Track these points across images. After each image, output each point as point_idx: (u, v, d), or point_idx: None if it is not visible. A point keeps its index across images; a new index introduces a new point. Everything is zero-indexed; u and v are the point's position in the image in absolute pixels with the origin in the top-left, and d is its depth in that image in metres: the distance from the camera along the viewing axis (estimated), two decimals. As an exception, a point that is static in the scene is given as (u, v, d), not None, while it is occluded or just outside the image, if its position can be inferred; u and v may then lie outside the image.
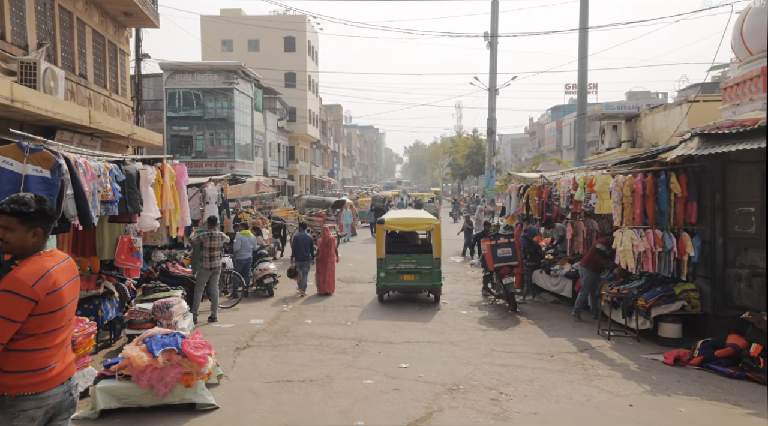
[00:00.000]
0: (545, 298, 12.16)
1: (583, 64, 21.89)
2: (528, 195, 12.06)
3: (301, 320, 10.30)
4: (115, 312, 8.15)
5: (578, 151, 22.00)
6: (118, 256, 8.04)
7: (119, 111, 14.67)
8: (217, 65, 36.19)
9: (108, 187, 6.78)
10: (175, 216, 10.29)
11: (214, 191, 13.67)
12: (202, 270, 10.13)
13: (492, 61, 45.68)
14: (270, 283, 13.05)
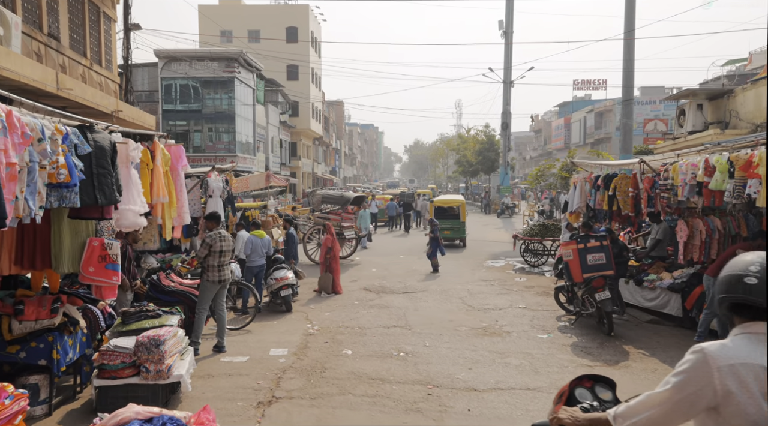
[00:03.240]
0: (637, 317, 9.62)
1: (630, 43, 19.46)
2: (615, 186, 9.53)
3: (337, 349, 7.78)
4: (82, 349, 5.61)
5: (624, 140, 19.55)
6: (84, 269, 5.50)
7: (102, 86, 12.13)
8: (217, 53, 33.60)
9: (61, 161, 4.25)
10: (169, 211, 7.88)
11: (218, 182, 11.12)
12: (208, 283, 7.62)
13: (507, 52, 43.36)
14: (288, 296, 10.52)
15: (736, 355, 1.81)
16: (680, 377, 1.87)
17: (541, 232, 15.89)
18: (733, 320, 1.95)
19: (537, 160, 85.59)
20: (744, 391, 1.76)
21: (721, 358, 1.81)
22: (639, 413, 1.93)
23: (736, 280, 1.90)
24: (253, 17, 49.02)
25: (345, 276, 14.66)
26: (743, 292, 1.87)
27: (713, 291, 7.23)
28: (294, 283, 10.75)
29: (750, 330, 1.87)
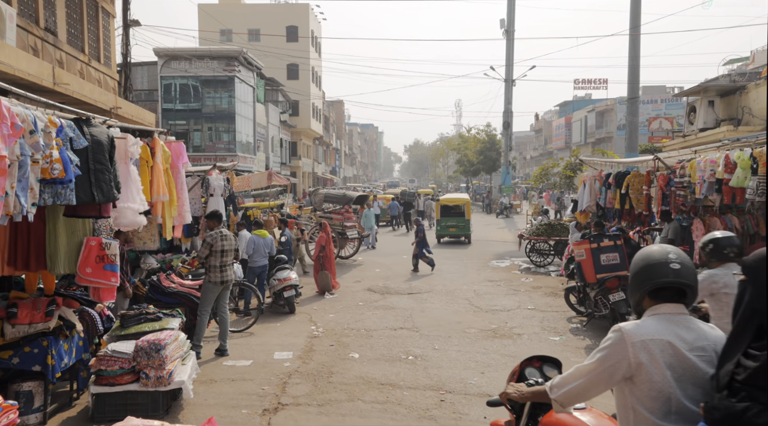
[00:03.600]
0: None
1: (635, 39, 19.20)
2: (628, 184, 9.28)
3: (344, 353, 7.51)
4: (78, 354, 5.35)
5: (629, 138, 19.29)
6: (81, 269, 5.24)
7: (101, 82, 11.87)
8: (217, 51, 33.33)
9: (55, 155, 3.99)
10: (170, 210, 7.63)
11: (219, 181, 10.88)
12: (210, 285, 7.35)
13: (508, 51, 43.11)
14: (291, 297, 10.26)
15: (647, 332, 2.08)
16: (603, 352, 2.15)
17: (547, 231, 15.62)
18: (642, 304, 2.24)
19: (537, 160, 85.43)
20: (652, 362, 2.04)
21: (635, 335, 2.08)
22: (570, 383, 2.23)
23: (662, 266, 2.14)
24: (253, 16, 48.75)
25: (348, 276, 14.41)
26: (674, 276, 2.12)
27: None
28: (297, 284, 10.50)
29: (658, 311, 2.16)
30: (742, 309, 1.97)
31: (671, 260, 2.16)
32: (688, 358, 2.06)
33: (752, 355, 1.90)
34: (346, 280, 13.83)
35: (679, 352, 2.06)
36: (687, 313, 2.17)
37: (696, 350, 2.08)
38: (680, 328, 2.11)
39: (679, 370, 2.05)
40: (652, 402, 2.07)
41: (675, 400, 2.05)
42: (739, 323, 1.98)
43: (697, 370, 2.06)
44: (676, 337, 2.08)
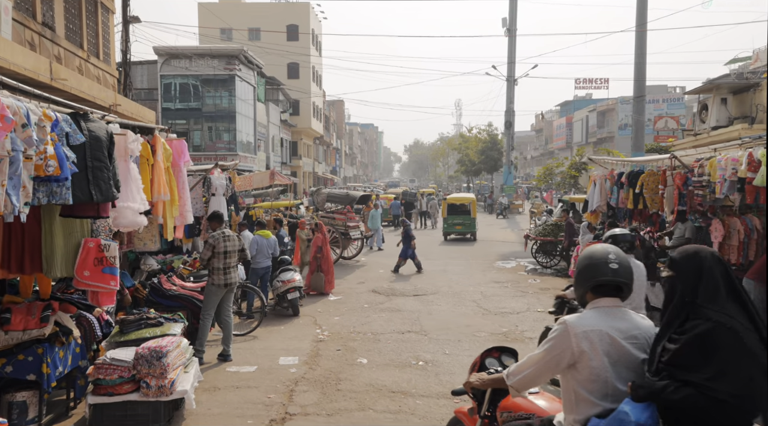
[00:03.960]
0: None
1: (642, 36, 18.94)
2: (642, 183, 9.01)
3: (351, 358, 7.25)
4: (75, 361, 5.08)
5: (636, 137, 19.03)
6: (79, 272, 4.99)
7: (100, 79, 11.60)
8: (217, 50, 33.05)
9: (50, 151, 3.73)
10: (171, 210, 7.39)
11: (221, 180, 10.61)
12: (213, 287, 7.09)
13: (510, 50, 42.84)
14: (295, 299, 10.00)
15: (587, 323, 2.35)
16: (550, 343, 2.41)
17: (554, 231, 15.36)
18: (585, 297, 2.52)
19: (538, 160, 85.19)
20: (592, 350, 2.30)
21: (577, 327, 2.34)
22: (523, 370, 2.52)
23: (602, 265, 2.42)
24: (253, 14, 48.47)
25: (351, 278, 14.15)
26: (612, 275, 2.39)
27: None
28: (301, 286, 10.23)
29: (598, 305, 2.44)
30: (674, 302, 2.28)
31: (611, 260, 2.43)
32: (623, 345, 2.34)
33: (674, 340, 2.22)
34: (350, 282, 13.57)
35: (615, 341, 2.33)
36: (623, 307, 2.48)
37: (630, 338, 2.36)
38: (616, 320, 2.40)
39: (615, 356, 2.34)
40: (591, 384, 2.34)
41: (611, 383, 2.33)
42: (670, 313, 2.30)
43: (630, 356, 2.35)
44: (612, 328, 2.36)
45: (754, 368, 2.12)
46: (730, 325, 2.15)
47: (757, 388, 2.10)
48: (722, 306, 2.20)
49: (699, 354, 2.14)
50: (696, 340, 2.15)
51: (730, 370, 2.10)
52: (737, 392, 2.08)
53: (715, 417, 2.10)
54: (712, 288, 2.24)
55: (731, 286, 2.26)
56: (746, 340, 2.14)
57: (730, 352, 2.12)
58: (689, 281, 2.27)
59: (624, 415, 2.21)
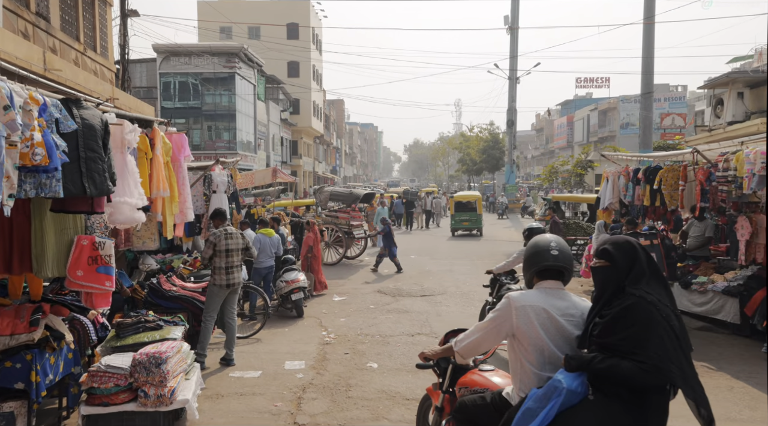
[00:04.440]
0: (686, 323, 8.72)
1: (650, 30, 18.58)
2: (661, 179, 8.66)
3: (361, 362, 6.89)
4: (68, 368, 4.72)
5: (643, 135, 18.68)
6: (71, 272, 4.63)
7: (97, 73, 11.24)
8: (217, 47, 32.69)
9: (37, 138, 3.37)
10: (171, 207, 7.06)
11: (222, 177, 10.26)
12: (215, 288, 6.74)
13: (512, 47, 42.48)
14: (300, 300, 9.64)
15: (528, 300, 2.66)
16: (494, 313, 2.73)
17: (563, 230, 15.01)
18: (533, 281, 2.81)
19: (539, 159, 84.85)
20: (529, 323, 2.59)
21: (518, 302, 2.65)
22: (469, 337, 2.85)
23: (545, 252, 2.73)
24: (253, 12, 48.08)
25: (356, 278, 13.81)
26: (553, 260, 2.70)
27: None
28: (306, 286, 9.88)
29: (542, 286, 2.74)
30: (610, 288, 2.55)
31: (552, 248, 2.76)
32: (559, 321, 2.61)
33: (603, 315, 2.49)
34: (354, 282, 13.23)
35: (551, 316, 2.61)
36: (563, 289, 2.77)
37: (566, 316, 2.64)
38: (555, 299, 2.68)
39: (552, 330, 2.60)
40: (531, 355, 2.62)
41: (548, 353, 2.60)
42: (602, 296, 2.57)
43: (565, 331, 2.61)
44: (550, 305, 2.63)
45: (668, 338, 2.40)
46: (650, 299, 2.44)
47: (670, 356, 2.37)
48: (645, 286, 2.51)
49: (623, 324, 2.41)
50: (621, 313, 2.43)
51: (648, 337, 2.37)
52: (652, 358, 2.34)
53: (634, 382, 2.36)
54: (639, 273, 2.54)
55: (653, 270, 2.59)
56: (663, 313, 2.43)
57: (649, 322, 2.40)
58: (624, 269, 2.57)
59: (558, 382, 2.49)
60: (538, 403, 2.52)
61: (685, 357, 2.44)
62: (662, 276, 2.61)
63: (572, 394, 2.45)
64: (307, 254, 11.34)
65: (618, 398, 2.40)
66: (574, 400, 2.45)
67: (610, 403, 2.41)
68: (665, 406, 2.45)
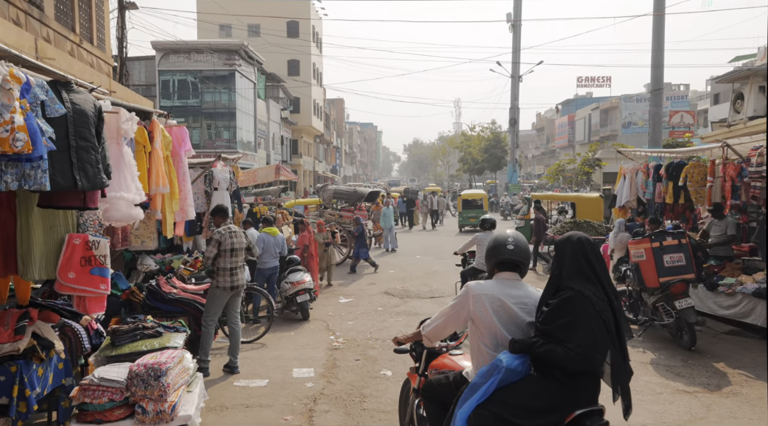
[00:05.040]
0: (712, 327, 8.29)
1: (660, 20, 18.14)
2: (686, 175, 8.24)
3: (374, 369, 6.46)
4: (58, 379, 4.29)
5: (653, 131, 18.25)
6: (62, 274, 4.20)
7: (94, 65, 10.80)
8: (217, 44, 32.22)
9: (18, 121, 2.94)
10: (170, 204, 6.64)
11: (224, 173, 9.83)
12: (218, 290, 6.32)
13: (515, 46, 42.07)
14: (305, 302, 9.22)
15: (485, 289, 2.98)
16: (455, 301, 3.08)
17: (572, 230, 14.59)
18: (493, 272, 3.15)
19: (539, 159, 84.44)
20: (484, 310, 2.92)
21: (475, 290, 2.98)
22: (434, 322, 3.22)
23: (502, 247, 3.10)
24: (253, 10, 47.60)
25: (361, 279, 13.39)
26: (508, 254, 3.06)
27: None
28: (311, 288, 9.45)
29: (500, 277, 3.08)
30: (553, 280, 2.84)
31: (509, 243, 3.04)
32: (512, 308, 2.87)
33: (549, 305, 2.77)
34: (360, 283, 12.82)
35: (505, 304, 2.87)
36: (519, 280, 3.03)
37: (519, 304, 2.89)
38: (510, 288, 2.94)
39: (505, 317, 2.87)
40: (486, 338, 2.89)
41: (500, 337, 2.87)
42: (551, 284, 2.85)
43: (517, 317, 2.87)
44: (505, 294, 2.89)
45: (599, 329, 2.67)
46: (586, 294, 2.69)
47: (598, 344, 2.66)
48: (582, 280, 2.76)
49: (559, 314, 2.68)
50: (559, 304, 2.70)
51: (578, 328, 2.64)
52: (582, 345, 2.61)
53: (567, 365, 2.63)
54: (575, 266, 2.80)
55: (590, 265, 2.82)
56: (597, 306, 2.68)
57: (581, 314, 2.66)
58: (560, 261, 2.89)
59: (499, 361, 2.78)
60: (482, 378, 2.84)
61: (619, 347, 2.76)
62: (598, 270, 2.83)
63: (512, 372, 2.75)
64: (302, 254, 10.94)
65: (554, 377, 2.71)
66: (515, 378, 2.75)
67: (547, 380, 2.72)
68: (596, 381, 2.80)
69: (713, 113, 38.80)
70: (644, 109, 53.73)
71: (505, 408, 2.70)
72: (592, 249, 2.87)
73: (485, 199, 25.27)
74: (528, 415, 2.68)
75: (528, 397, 2.70)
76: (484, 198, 25.30)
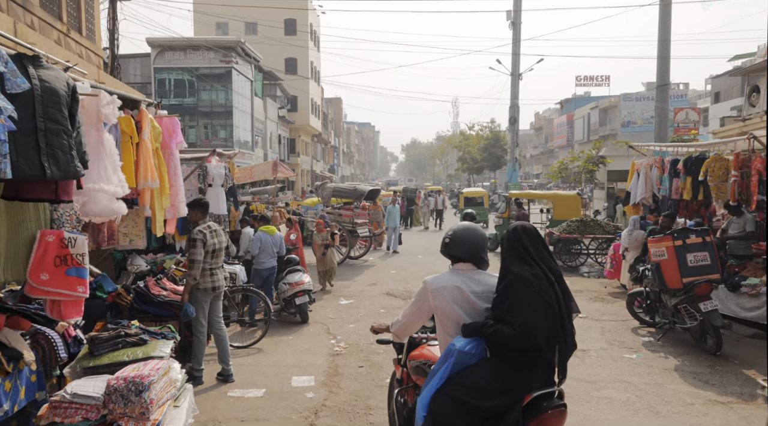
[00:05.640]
0: (735, 330, 7.85)
1: (666, 11, 17.71)
2: (707, 170, 7.80)
3: (378, 377, 6.00)
4: (30, 394, 3.82)
5: (659, 128, 17.81)
6: (33, 276, 3.73)
7: (83, 56, 10.31)
8: (214, 41, 31.70)
9: (-33, 95, 2.47)
10: (161, 200, 6.19)
11: (219, 169, 9.37)
12: (199, 293, 5.81)
13: (515, 43, 41.64)
14: (304, 304, 8.76)
15: (442, 281, 3.08)
16: (415, 298, 3.19)
17: (580, 229, 14.16)
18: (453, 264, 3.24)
19: (537, 159, 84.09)
20: (444, 301, 3.03)
21: (433, 284, 3.08)
22: (400, 320, 3.33)
23: (444, 240, 3.24)
24: (250, 8, 47.08)
25: (361, 279, 12.93)
26: (444, 248, 3.23)
27: None
28: (311, 289, 8.98)
29: (456, 268, 3.17)
30: (502, 264, 3.02)
31: (446, 236, 3.24)
32: (469, 296, 3.03)
33: (498, 290, 2.97)
34: (360, 284, 12.36)
35: (463, 293, 3.03)
36: (476, 269, 3.16)
37: (475, 292, 3.04)
38: (466, 278, 3.09)
39: (465, 305, 3.03)
40: (450, 328, 3.05)
41: (462, 324, 3.00)
42: (500, 272, 3.01)
43: (475, 304, 3.03)
44: (461, 283, 3.05)
45: (540, 306, 2.82)
46: (524, 275, 2.86)
47: (540, 320, 2.80)
48: (521, 263, 2.92)
49: (505, 296, 2.87)
50: (504, 287, 2.90)
51: (520, 307, 2.81)
52: (522, 325, 2.77)
53: (513, 342, 2.78)
54: (516, 253, 2.97)
55: (525, 249, 2.96)
56: (536, 285, 2.84)
57: (522, 294, 2.83)
58: (502, 250, 3.07)
59: (452, 346, 2.92)
60: (438, 364, 2.99)
61: (561, 324, 2.87)
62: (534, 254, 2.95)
63: (465, 355, 2.87)
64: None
65: (505, 357, 2.83)
66: (469, 361, 2.88)
67: (499, 361, 2.85)
68: (548, 364, 2.87)
69: (714, 111, 38.47)
70: (643, 109, 53.50)
71: (463, 390, 2.82)
72: (527, 235, 3.00)
73: (486, 196, 26.78)
74: (485, 396, 2.78)
75: (484, 379, 2.81)
76: (485, 196, 26.76)
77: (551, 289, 2.88)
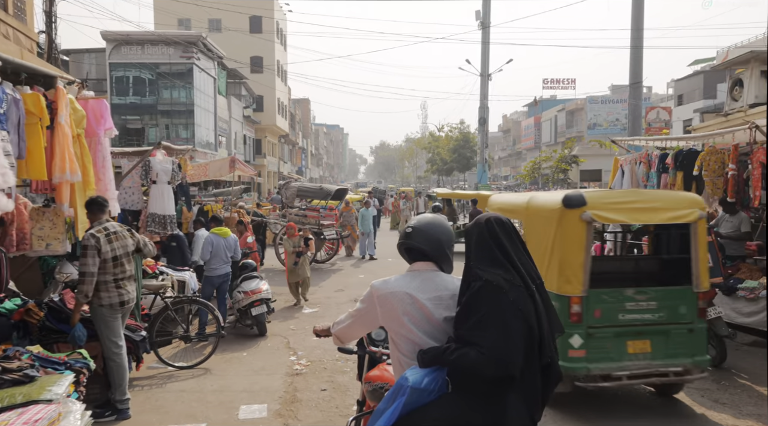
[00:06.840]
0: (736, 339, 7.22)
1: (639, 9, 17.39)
2: (702, 163, 7.17)
3: (343, 403, 5.12)
4: None
5: (632, 126, 17.46)
6: None
7: (9, 37, 9.15)
8: (174, 35, 30.28)
9: None
10: (83, 196, 5.27)
11: (165, 164, 8.34)
12: (103, 310, 4.70)
13: (484, 44, 41.36)
14: (262, 315, 7.79)
15: (390, 287, 2.42)
16: (360, 304, 2.57)
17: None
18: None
19: (506, 161, 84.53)
20: (392, 312, 2.38)
21: (380, 290, 2.44)
22: (342, 322, 2.69)
23: (405, 230, 2.57)
24: (214, 4, 45.63)
25: (327, 284, 12.03)
26: (405, 238, 2.53)
27: None
28: (269, 298, 8.03)
29: (411, 268, 2.52)
30: (467, 266, 2.36)
31: (408, 226, 2.58)
32: (425, 305, 2.35)
33: (462, 302, 2.29)
34: (326, 290, 11.48)
35: (416, 301, 2.35)
36: (435, 269, 2.47)
37: (433, 299, 2.36)
38: (421, 282, 2.41)
39: (418, 317, 2.34)
40: (402, 346, 2.37)
41: (420, 342, 2.33)
42: (464, 277, 2.36)
43: (432, 315, 2.35)
44: (415, 289, 2.37)
45: (514, 322, 2.17)
46: (495, 282, 2.21)
47: (514, 341, 2.15)
48: (491, 266, 2.26)
49: (471, 312, 2.21)
50: (469, 300, 2.23)
51: (491, 323, 2.16)
52: (492, 349, 2.12)
53: (481, 369, 2.13)
54: (487, 252, 2.31)
55: (500, 247, 2.30)
56: (510, 295, 2.20)
57: (493, 308, 2.18)
58: (468, 248, 2.41)
59: (404, 380, 2.25)
60: (385, 403, 2.31)
61: (540, 346, 2.24)
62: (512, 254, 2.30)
63: (419, 392, 2.20)
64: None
65: (474, 392, 2.19)
66: (425, 399, 2.21)
67: (466, 398, 2.19)
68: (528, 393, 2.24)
69: (677, 114, 38.91)
70: (609, 111, 54.09)
71: None
72: (504, 230, 2.33)
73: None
74: None
75: (444, 421, 2.19)
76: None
77: (530, 302, 2.22)
